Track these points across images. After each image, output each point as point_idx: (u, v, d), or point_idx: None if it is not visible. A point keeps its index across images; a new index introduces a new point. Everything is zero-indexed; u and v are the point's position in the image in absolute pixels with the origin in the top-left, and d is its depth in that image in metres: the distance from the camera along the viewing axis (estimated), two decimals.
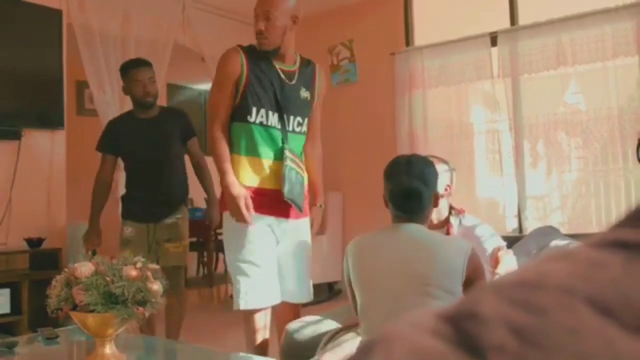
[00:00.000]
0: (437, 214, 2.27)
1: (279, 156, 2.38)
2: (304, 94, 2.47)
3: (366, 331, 1.82)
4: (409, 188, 1.78)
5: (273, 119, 2.39)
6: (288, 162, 2.36)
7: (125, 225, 3.35)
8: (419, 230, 1.79)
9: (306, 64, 2.54)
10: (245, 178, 2.38)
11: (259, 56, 2.39)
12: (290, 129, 2.43)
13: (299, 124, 2.45)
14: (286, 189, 2.34)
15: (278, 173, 2.37)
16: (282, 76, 2.41)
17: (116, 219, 4.38)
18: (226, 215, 2.42)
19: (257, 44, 2.40)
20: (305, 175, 2.48)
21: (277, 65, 2.41)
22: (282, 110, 2.39)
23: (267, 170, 2.39)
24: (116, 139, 3.34)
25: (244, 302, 2.35)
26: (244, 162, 2.39)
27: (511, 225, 4.63)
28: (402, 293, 1.68)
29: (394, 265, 1.72)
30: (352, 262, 1.84)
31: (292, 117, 2.43)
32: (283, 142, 2.39)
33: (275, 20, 2.32)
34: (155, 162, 3.30)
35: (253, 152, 2.39)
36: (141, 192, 3.32)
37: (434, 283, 1.66)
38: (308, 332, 2.28)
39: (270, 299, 2.40)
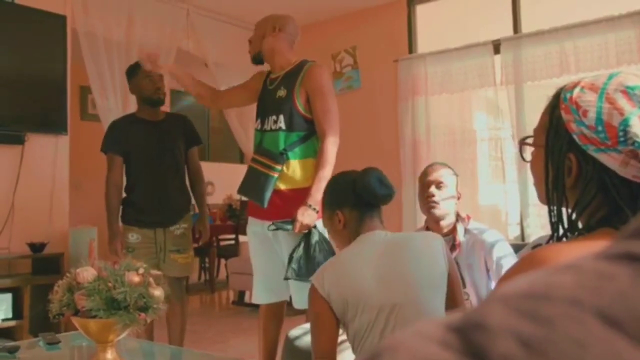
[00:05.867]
0: (446, 220, 2.27)
1: None
2: (280, 92, 2.66)
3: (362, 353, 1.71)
4: (380, 176, 1.77)
5: (257, 123, 2.73)
6: (250, 162, 2.69)
7: (130, 231, 3.23)
8: (390, 236, 1.74)
9: (299, 65, 2.70)
10: None
11: (269, 75, 2.81)
12: (268, 128, 2.66)
13: (275, 122, 2.64)
14: (239, 186, 2.69)
15: None
16: (267, 84, 2.76)
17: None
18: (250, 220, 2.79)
19: None
20: (274, 175, 2.58)
21: (271, 76, 2.77)
22: (260, 114, 2.73)
23: None
24: (122, 139, 3.25)
25: (253, 297, 2.85)
26: None
27: (513, 233, 4.62)
28: (398, 306, 1.60)
29: (382, 279, 1.63)
30: (335, 290, 1.62)
31: (268, 118, 2.67)
32: (259, 143, 2.68)
33: (257, 31, 2.78)
34: (162, 167, 3.23)
35: None
36: (145, 197, 3.23)
37: (425, 285, 1.63)
38: (309, 339, 2.27)
39: (266, 297, 2.74)
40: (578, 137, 0.90)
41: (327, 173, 2.55)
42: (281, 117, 2.61)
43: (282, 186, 2.59)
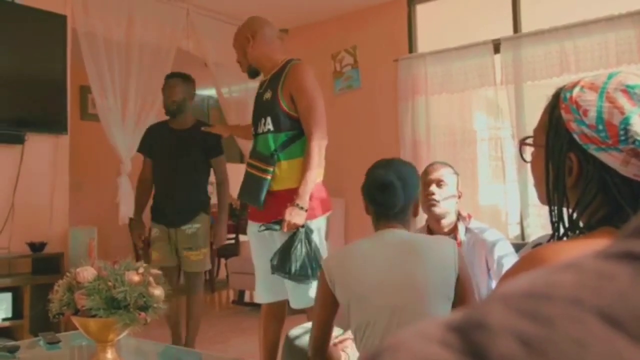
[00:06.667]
0: (447, 218, 2.26)
1: None
2: (267, 95, 2.69)
3: (364, 350, 1.71)
4: (384, 180, 1.69)
5: (253, 128, 2.77)
6: (246, 167, 2.70)
7: (152, 226, 3.68)
8: (404, 236, 1.71)
9: (283, 66, 2.71)
10: None
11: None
12: (260, 131, 2.69)
13: (264, 124, 2.67)
14: (238, 192, 2.73)
15: None
16: (258, 88, 2.81)
17: (116, 224, 4.38)
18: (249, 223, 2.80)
19: None
20: (266, 177, 2.60)
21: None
22: (253, 118, 2.77)
23: None
24: (148, 143, 3.73)
25: (255, 297, 2.88)
26: None
27: (513, 233, 4.62)
28: (399, 308, 1.59)
29: (387, 279, 1.63)
30: (340, 279, 1.69)
31: (260, 121, 2.69)
32: (253, 147, 2.74)
33: (237, 50, 2.84)
34: (175, 171, 3.59)
35: None
36: (160, 197, 3.66)
37: (429, 290, 1.60)
38: (309, 338, 2.27)
39: (267, 297, 2.76)
40: (578, 136, 0.90)
41: (313, 174, 2.55)
42: (269, 119, 2.63)
43: (275, 187, 2.61)
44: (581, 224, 0.94)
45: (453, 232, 2.26)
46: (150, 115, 4.65)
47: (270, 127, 2.62)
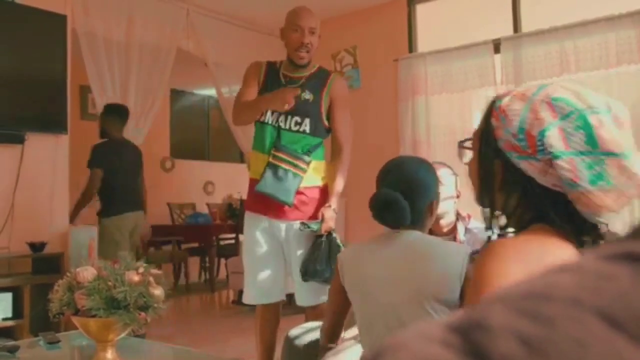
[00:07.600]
0: (446, 219, 2.26)
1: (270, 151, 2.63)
2: (306, 96, 2.63)
3: (366, 346, 1.74)
4: (387, 200, 1.63)
5: (270, 118, 2.63)
6: (271, 159, 2.58)
7: None
8: (416, 238, 1.67)
9: (322, 72, 2.76)
10: (250, 170, 2.73)
11: (273, 68, 2.74)
12: (286, 127, 2.61)
13: (297, 123, 2.61)
14: (260, 183, 2.58)
15: None
16: (283, 81, 2.68)
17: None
18: (246, 217, 2.73)
19: (297, 57, 2.67)
20: (302, 175, 2.59)
21: (285, 73, 2.71)
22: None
23: (263, 165, 2.64)
24: None
25: (244, 297, 2.75)
26: (252, 156, 2.73)
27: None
28: (402, 308, 1.59)
29: (393, 279, 1.62)
30: (349, 273, 1.71)
31: (288, 116, 2.60)
32: (274, 139, 2.63)
33: (317, 36, 2.73)
34: None
35: (256, 147, 2.69)
36: None
37: (433, 295, 1.57)
38: (309, 338, 2.26)
39: (260, 299, 2.68)
40: (503, 143, 0.94)
41: (345, 179, 2.72)
42: (307, 121, 2.61)
43: (300, 185, 2.62)
44: (517, 223, 0.98)
45: (452, 232, 2.26)
46: (150, 115, 4.65)
47: (307, 129, 2.61)
